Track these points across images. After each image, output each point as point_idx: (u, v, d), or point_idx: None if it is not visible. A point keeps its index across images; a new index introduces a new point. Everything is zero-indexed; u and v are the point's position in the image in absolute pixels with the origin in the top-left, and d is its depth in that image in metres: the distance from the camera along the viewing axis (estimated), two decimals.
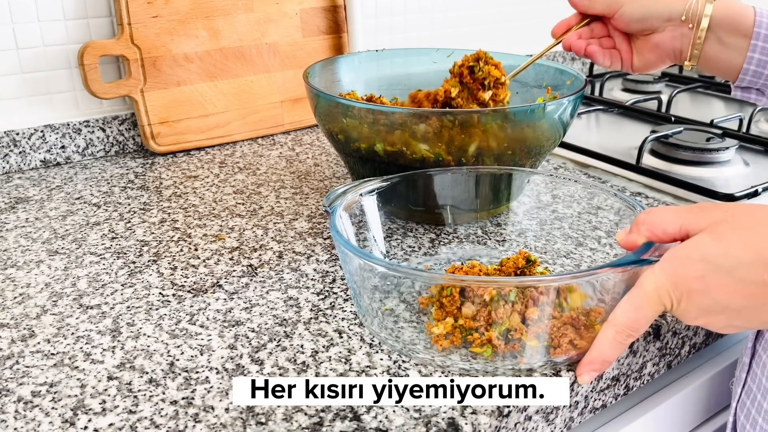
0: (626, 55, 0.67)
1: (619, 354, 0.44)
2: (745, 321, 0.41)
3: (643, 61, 0.67)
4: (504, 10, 1.28)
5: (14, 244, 0.67)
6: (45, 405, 0.45)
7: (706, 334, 0.61)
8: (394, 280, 0.56)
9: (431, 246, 0.67)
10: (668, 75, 1.33)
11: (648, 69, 0.68)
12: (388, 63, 0.86)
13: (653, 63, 0.67)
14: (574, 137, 0.98)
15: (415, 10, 1.16)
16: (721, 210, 0.41)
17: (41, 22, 0.84)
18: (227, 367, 0.49)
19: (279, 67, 1.00)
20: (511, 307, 0.47)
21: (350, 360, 0.49)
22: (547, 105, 0.64)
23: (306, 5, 1.01)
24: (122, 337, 0.52)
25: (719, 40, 0.61)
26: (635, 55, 0.67)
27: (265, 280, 0.61)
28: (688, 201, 0.79)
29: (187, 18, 0.91)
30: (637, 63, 0.67)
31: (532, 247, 0.65)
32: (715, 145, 0.88)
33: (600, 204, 0.62)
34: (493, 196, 0.67)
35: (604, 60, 0.68)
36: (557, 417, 0.49)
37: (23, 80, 0.86)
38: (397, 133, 0.64)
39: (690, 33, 0.62)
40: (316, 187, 0.82)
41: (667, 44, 0.64)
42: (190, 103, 0.93)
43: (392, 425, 0.43)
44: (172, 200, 0.78)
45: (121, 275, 0.62)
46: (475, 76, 0.70)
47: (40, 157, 0.88)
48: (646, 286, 0.42)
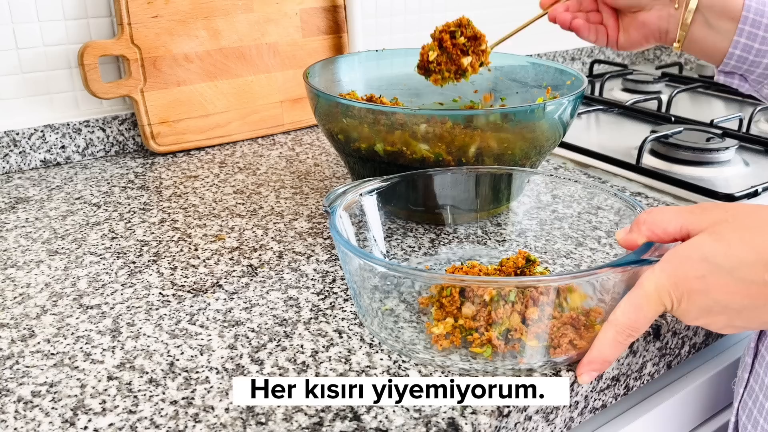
0: (612, 32, 0.67)
1: (619, 354, 0.44)
2: (746, 321, 0.41)
3: (628, 39, 0.66)
4: (504, 10, 1.28)
5: (14, 244, 0.67)
6: (45, 405, 0.45)
7: (706, 334, 0.61)
8: (394, 280, 0.56)
9: (431, 246, 0.67)
10: (668, 75, 1.33)
11: (633, 47, 0.67)
12: (388, 63, 0.86)
13: (638, 42, 0.66)
14: (574, 137, 0.98)
15: (415, 10, 1.16)
16: (722, 210, 0.41)
17: (41, 22, 0.84)
18: (227, 367, 0.49)
19: (279, 67, 1.00)
20: (511, 307, 0.47)
21: (350, 360, 0.49)
22: (547, 105, 0.64)
23: (306, 5, 1.01)
24: (122, 337, 0.52)
25: (706, 22, 0.60)
26: (621, 32, 0.66)
27: (265, 280, 0.61)
28: (688, 201, 0.79)
29: (187, 18, 0.91)
30: (622, 40, 0.67)
31: (532, 247, 0.65)
32: (715, 145, 0.88)
33: (600, 204, 0.62)
34: (493, 196, 0.67)
35: (589, 34, 0.67)
36: (557, 417, 0.49)
37: (23, 80, 0.86)
38: (397, 133, 0.64)
39: (677, 13, 0.62)
40: (316, 187, 0.82)
41: (653, 23, 0.63)
42: (190, 103, 0.93)
43: (392, 425, 0.43)
44: (172, 200, 0.78)
45: (121, 275, 0.62)
46: (456, 41, 0.69)
47: (40, 157, 0.88)
48: (647, 286, 0.42)
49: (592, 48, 1.45)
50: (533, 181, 0.66)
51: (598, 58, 1.48)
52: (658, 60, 1.57)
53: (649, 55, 1.57)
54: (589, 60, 1.44)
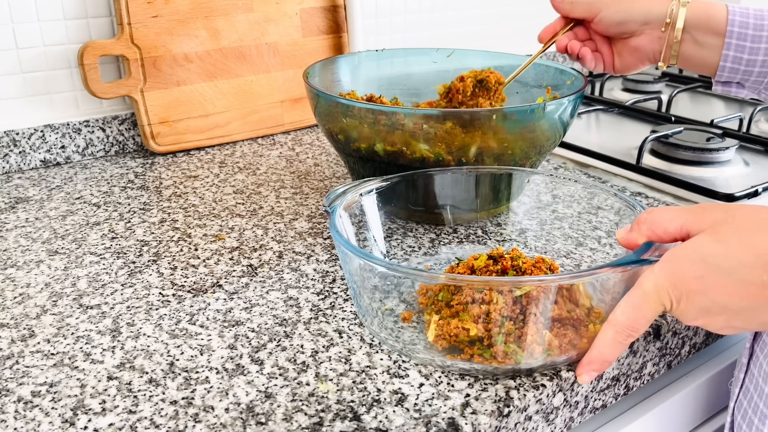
0: (608, 58, 0.70)
1: (619, 354, 0.44)
2: (744, 322, 0.41)
3: (624, 64, 0.70)
4: (504, 10, 1.28)
5: (14, 244, 0.67)
6: (45, 405, 0.45)
7: (706, 334, 0.61)
8: (394, 280, 0.56)
9: (431, 246, 0.67)
10: (668, 75, 1.33)
11: (629, 71, 0.70)
12: (388, 63, 0.86)
13: (634, 65, 0.69)
14: (574, 137, 0.98)
15: (415, 10, 1.16)
16: (722, 210, 0.41)
17: (41, 22, 0.84)
18: (227, 367, 0.49)
19: (279, 67, 1.00)
20: (511, 306, 0.47)
21: (350, 360, 0.49)
22: (547, 105, 0.64)
23: (306, 5, 1.01)
24: (122, 337, 0.52)
25: (694, 40, 0.64)
26: (616, 57, 0.70)
27: (265, 280, 0.61)
28: (688, 201, 0.79)
29: (187, 18, 0.91)
30: (618, 65, 0.70)
31: (532, 247, 0.65)
32: (715, 145, 0.88)
33: (600, 204, 0.62)
34: (493, 196, 0.67)
35: (590, 63, 0.70)
36: (557, 417, 0.49)
37: (23, 80, 0.86)
38: (397, 133, 0.64)
39: (666, 35, 0.65)
40: (316, 187, 0.82)
41: (646, 47, 0.67)
42: (190, 103, 0.93)
43: (392, 425, 0.43)
44: (172, 200, 0.78)
45: (121, 275, 0.62)
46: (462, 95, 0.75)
47: (40, 157, 0.88)
48: (646, 286, 0.42)
49: None
50: (533, 181, 0.66)
51: None
52: None
53: None
54: None
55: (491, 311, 0.47)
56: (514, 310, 0.47)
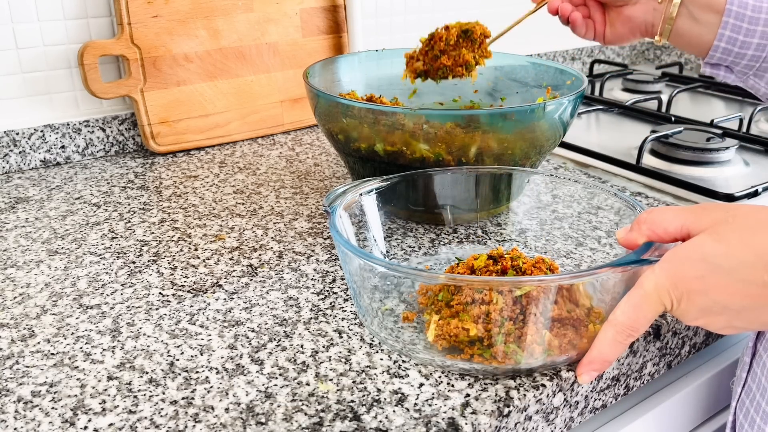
0: (599, 26, 0.68)
1: (619, 354, 0.44)
2: (745, 322, 0.41)
3: (615, 33, 0.68)
4: (503, 10, 1.28)
5: (14, 244, 0.67)
6: (45, 405, 0.45)
7: (706, 334, 0.61)
8: (394, 280, 0.56)
9: (431, 246, 0.67)
10: (668, 75, 1.33)
11: (619, 41, 0.68)
12: (388, 63, 0.86)
13: (625, 36, 0.67)
14: (574, 137, 0.98)
15: (415, 10, 1.16)
16: (723, 210, 0.41)
17: (41, 22, 0.84)
18: (227, 367, 0.49)
19: (279, 67, 1.00)
20: (511, 306, 0.47)
21: (350, 360, 0.49)
22: (547, 105, 0.64)
23: (306, 5, 1.01)
24: (122, 337, 0.52)
25: (691, 15, 0.62)
26: (608, 26, 0.68)
27: (265, 280, 0.61)
28: (688, 201, 0.79)
29: (187, 18, 0.91)
30: (609, 34, 0.68)
31: (532, 247, 0.65)
32: (715, 145, 0.88)
33: (600, 204, 0.62)
34: (493, 196, 0.67)
35: (581, 28, 0.68)
36: (557, 417, 0.49)
37: (23, 80, 0.85)
38: (397, 133, 0.64)
39: (662, 7, 0.63)
40: (316, 187, 0.82)
41: (639, 17, 0.65)
42: (190, 103, 0.93)
43: (392, 425, 0.43)
44: (172, 200, 0.78)
45: (121, 275, 0.62)
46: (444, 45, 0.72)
47: (40, 157, 0.88)
48: (646, 286, 0.42)
49: (592, 48, 1.45)
50: (533, 181, 0.66)
51: (598, 58, 1.48)
52: (658, 60, 1.57)
53: (650, 55, 1.57)
54: (589, 60, 1.44)
55: (491, 311, 0.47)
56: (514, 310, 0.47)
